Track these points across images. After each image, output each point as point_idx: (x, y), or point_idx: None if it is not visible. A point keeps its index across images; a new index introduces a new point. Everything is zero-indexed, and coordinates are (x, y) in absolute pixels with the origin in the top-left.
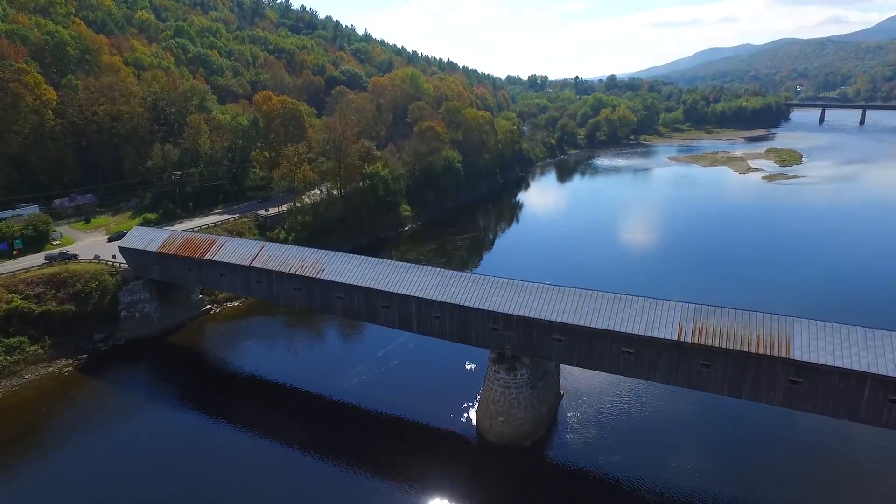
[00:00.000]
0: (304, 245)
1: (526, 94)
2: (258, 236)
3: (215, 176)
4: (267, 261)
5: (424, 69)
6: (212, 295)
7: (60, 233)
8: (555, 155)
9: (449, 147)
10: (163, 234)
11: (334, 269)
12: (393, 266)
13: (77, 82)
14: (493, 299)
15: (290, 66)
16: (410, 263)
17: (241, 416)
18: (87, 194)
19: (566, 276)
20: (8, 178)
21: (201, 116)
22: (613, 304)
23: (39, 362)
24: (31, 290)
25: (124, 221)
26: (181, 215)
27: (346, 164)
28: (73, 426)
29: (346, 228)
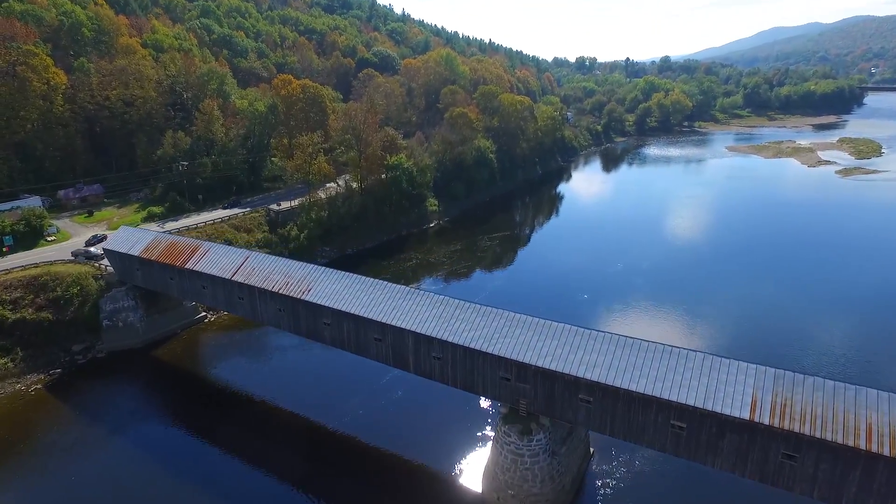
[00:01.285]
0: (317, 243)
1: (572, 77)
2: (267, 233)
3: (229, 166)
4: (250, 274)
5: (464, 51)
6: None
7: (57, 227)
8: (600, 143)
9: (482, 135)
10: (147, 236)
11: (322, 290)
12: (389, 290)
13: (90, 65)
14: (505, 341)
15: (320, 48)
16: (410, 288)
17: (225, 443)
18: (94, 185)
19: (605, 287)
20: (10, 167)
21: (214, 102)
22: (662, 360)
23: (7, 377)
24: (8, 295)
25: (129, 215)
26: (189, 209)
27: (367, 155)
28: (23, 460)
29: (365, 224)
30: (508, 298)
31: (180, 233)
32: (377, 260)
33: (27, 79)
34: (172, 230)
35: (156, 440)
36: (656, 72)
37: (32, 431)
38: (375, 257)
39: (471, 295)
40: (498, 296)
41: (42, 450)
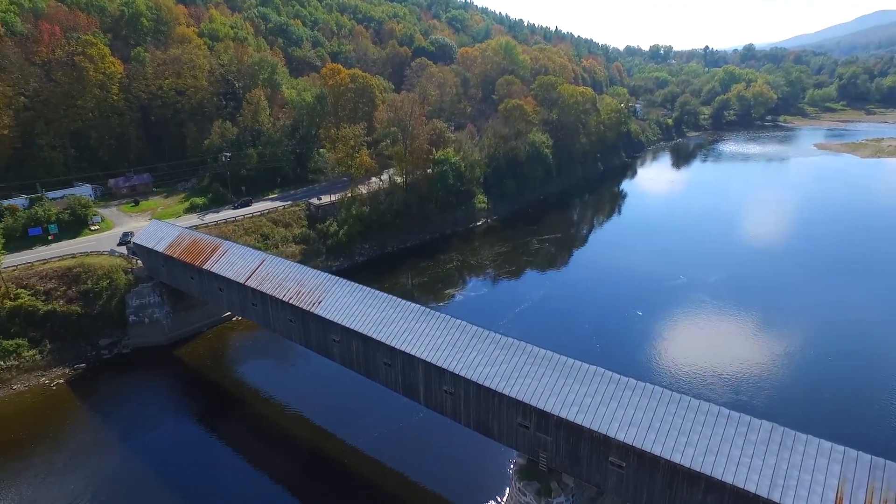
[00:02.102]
0: (357, 240)
1: (644, 67)
2: (306, 229)
3: (274, 158)
4: (263, 280)
5: (526, 39)
6: None
7: (101, 217)
8: (671, 137)
9: (538, 129)
10: (173, 232)
11: (333, 303)
12: (401, 308)
13: (146, 55)
14: (526, 382)
15: (377, 37)
16: (424, 308)
17: (238, 449)
18: (144, 174)
19: (663, 303)
20: (66, 155)
21: (262, 91)
22: (717, 426)
23: (34, 370)
24: (43, 286)
25: (173, 205)
26: (232, 200)
27: (413, 148)
28: (35, 460)
29: (408, 222)
30: (552, 311)
31: (218, 226)
32: (417, 260)
33: (84, 68)
34: (210, 223)
35: (169, 442)
36: (738, 61)
37: (48, 429)
38: (415, 257)
39: (512, 304)
40: (541, 307)
41: (56, 448)
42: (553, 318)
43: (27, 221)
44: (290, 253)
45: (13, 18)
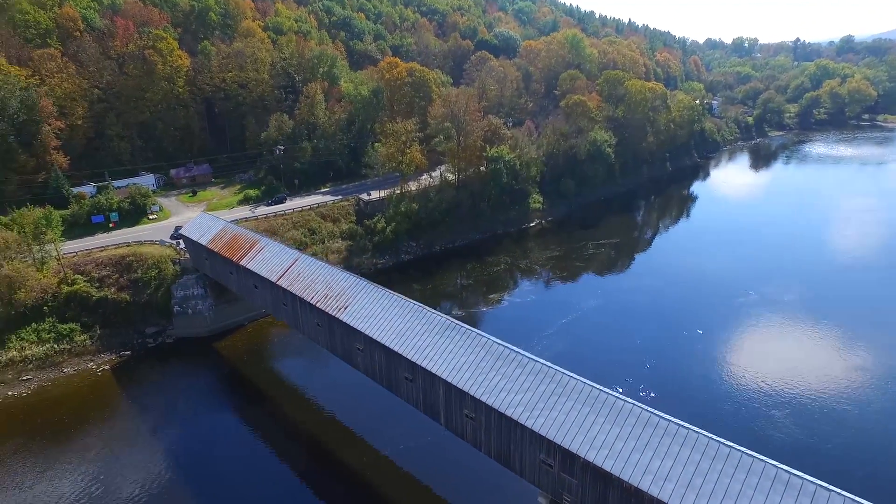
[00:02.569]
0: (404, 238)
1: (725, 61)
2: (353, 224)
3: (328, 151)
4: (293, 280)
5: (596, 32)
6: None
7: (160, 206)
8: (751, 137)
9: (601, 127)
10: (217, 225)
11: (359, 309)
12: (427, 320)
13: (211, 48)
14: (552, 415)
15: (440, 29)
16: (449, 321)
17: (264, 448)
18: (203, 165)
19: (728, 322)
20: (133, 145)
21: (318, 85)
22: (775, 494)
23: (84, 354)
24: (98, 273)
25: (228, 196)
26: (285, 192)
27: (466, 145)
28: (70, 446)
29: (458, 220)
30: (601, 323)
31: (268, 219)
32: (464, 260)
33: (154, 62)
34: (261, 215)
35: (197, 438)
36: (833, 54)
37: (88, 415)
38: (463, 257)
39: (560, 313)
40: (590, 318)
41: (92, 435)
42: (602, 330)
43: (91, 209)
44: (335, 249)
45: (92, 15)
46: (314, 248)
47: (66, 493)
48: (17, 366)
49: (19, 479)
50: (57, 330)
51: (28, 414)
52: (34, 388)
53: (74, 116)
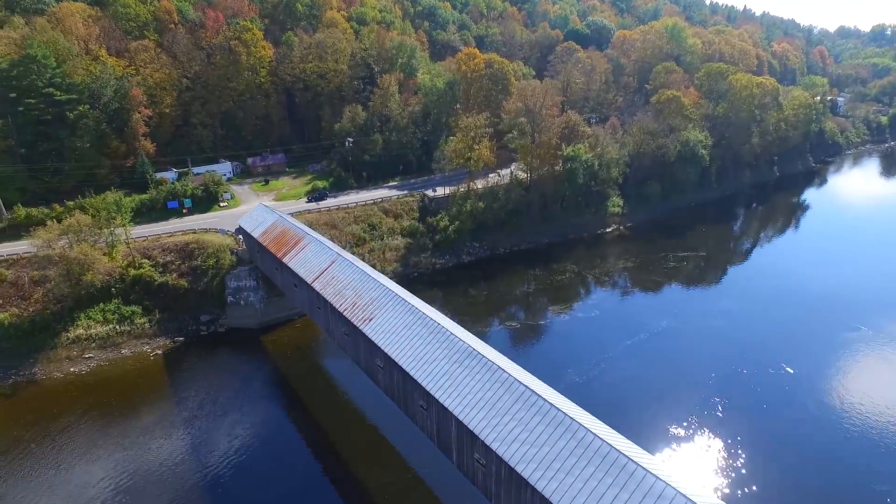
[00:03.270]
0: (467, 237)
1: (860, 52)
2: (415, 221)
3: (399, 145)
4: (327, 284)
5: (705, 20)
6: None
7: (232, 194)
8: (883, 140)
9: (696, 126)
10: (270, 218)
11: (382, 323)
12: (448, 344)
13: (294, 39)
14: (567, 480)
15: (529, 19)
16: (472, 348)
17: (294, 450)
18: (279, 154)
19: (829, 363)
20: (214, 134)
21: (393, 77)
22: None
23: (141, 337)
24: (163, 258)
25: (298, 186)
26: (352, 185)
27: (541, 142)
28: (110, 431)
29: (527, 222)
30: (670, 348)
31: (330, 211)
32: (527, 266)
33: (238, 52)
34: (323, 208)
35: (229, 432)
36: None
37: (134, 398)
38: (528, 262)
39: (625, 333)
40: (658, 341)
41: (133, 420)
42: (670, 358)
43: (166, 195)
44: (393, 246)
45: (187, 7)
46: (371, 245)
47: (94, 479)
48: (82, 343)
49: (60, 459)
50: (121, 312)
51: (83, 393)
52: (93, 366)
53: (163, 105)
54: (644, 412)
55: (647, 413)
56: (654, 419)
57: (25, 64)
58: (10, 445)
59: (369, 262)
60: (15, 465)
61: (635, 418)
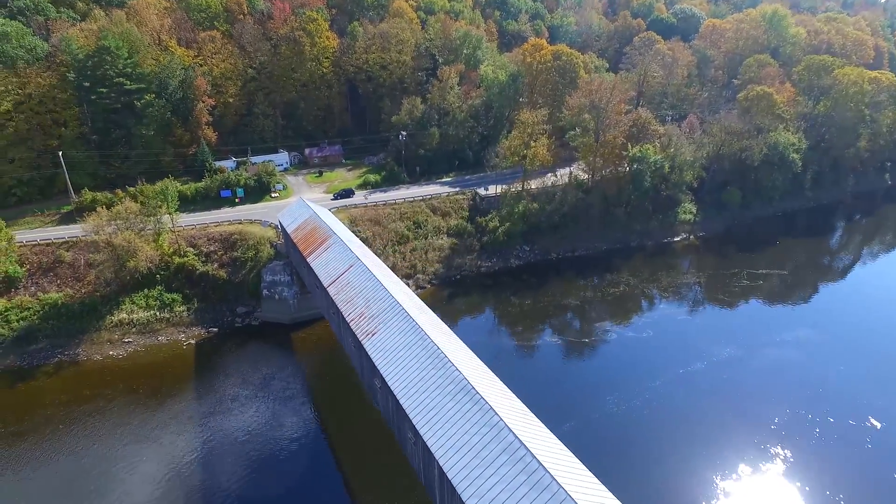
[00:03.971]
0: (518, 240)
1: None
2: (463, 221)
3: (456, 139)
4: (341, 289)
5: (815, 6)
6: None
7: (284, 184)
8: None
9: (788, 127)
10: (305, 214)
11: (384, 339)
12: (445, 372)
13: (359, 29)
14: None
15: (610, 7)
16: (468, 383)
17: (309, 456)
18: (336, 146)
19: None
20: (275, 124)
21: (453, 69)
22: None
23: (179, 325)
24: (207, 247)
25: (351, 179)
26: (405, 180)
27: (605, 141)
28: (131, 421)
29: (583, 227)
30: (731, 382)
31: (377, 207)
32: (580, 274)
33: (302, 43)
34: (370, 203)
35: (248, 430)
36: None
37: (161, 388)
38: (580, 270)
39: (679, 359)
40: (717, 373)
41: (157, 411)
42: (727, 393)
43: (220, 184)
44: (437, 246)
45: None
46: (414, 244)
47: (106, 469)
48: (124, 327)
49: (78, 445)
50: (163, 299)
51: (115, 378)
52: (130, 351)
53: (227, 94)
54: (686, 457)
55: (689, 458)
56: (696, 467)
57: (100, 55)
58: (39, 424)
59: (410, 262)
60: (37, 445)
61: (674, 464)
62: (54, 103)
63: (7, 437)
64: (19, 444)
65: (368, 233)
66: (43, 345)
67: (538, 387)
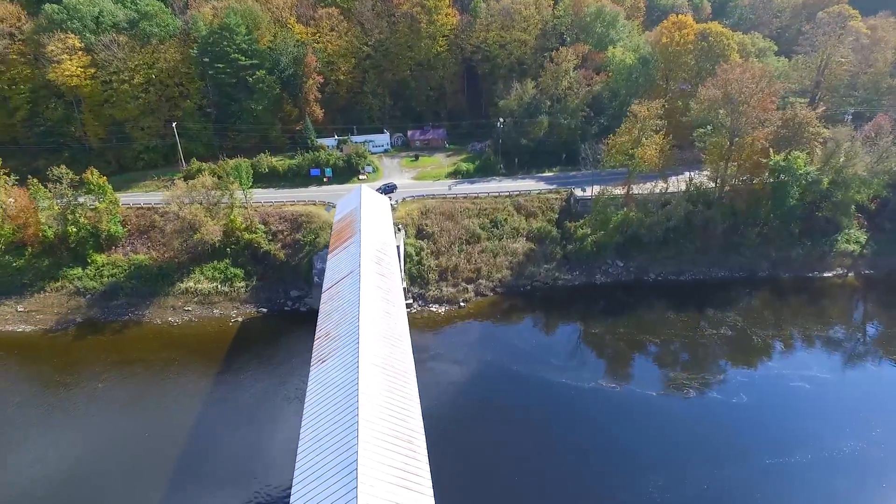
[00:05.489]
0: (608, 253)
1: None
2: (549, 224)
3: (568, 129)
4: (330, 299)
5: None
6: (422, 287)
7: (375, 167)
8: None
9: None
10: (354, 203)
11: (328, 370)
12: (346, 439)
13: (481, 4)
14: None
15: None
16: (362, 464)
17: None
18: (440, 129)
19: None
20: (382, 103)
21: (569, 50)
22: None
23: (234, 301)
24: (276, 226)
25: (445, 166)
26: (500, 171)
27: (741, 144)
28: (158, 387)
29: (698, 246)
30: (836, 494)
31: (456, 199)
32: (675, 305)
33: (419, 20)
34: (449, 195)
35: (256, 422)
36: None
37: (193, 362)
38: (678, 299)
39: (770, 442)
40: (818, 474)
41: (181, 386)
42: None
43: (310, 162)
44: (512, 250)
45: None
46: (485, 245)
47: (117, 435)
48: (188, 296)
49: (99, 408)
50: (227, 272)
51: (163, 345)
52: (185, 320)
53: (339, 72)
54: None
55: None
56: None
57: (220, 32)
58: (87, 378)
59: (475, 265)
60: (73, 399)
61: None
62: (180, 77)
63: (55, 387)
64: (62, 394)
65: (436, 228)
66: (121, 302)
67: (563, 443)
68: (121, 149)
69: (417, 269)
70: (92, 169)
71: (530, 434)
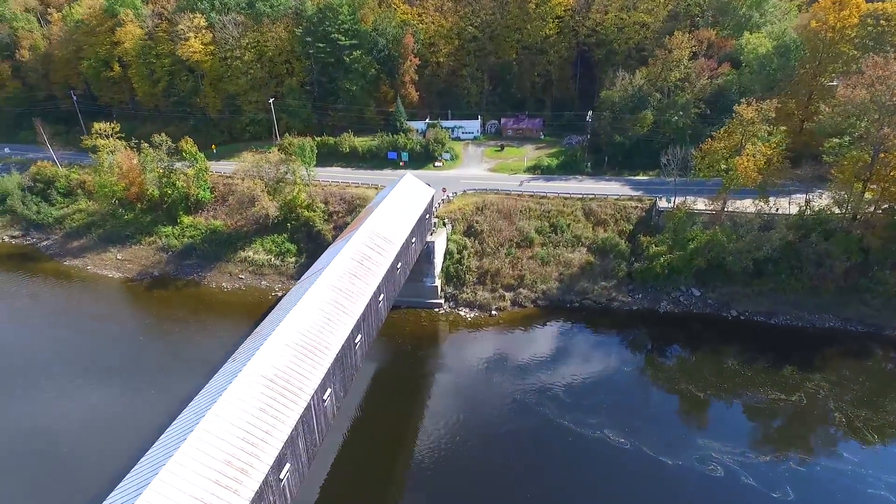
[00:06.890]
0: (686, 278)
1: None
2: (617, 236)
3: (674, 128)
4: (292, 293)
5: None
6: (457, 288)
7: (454, 154)
8: None
9: None
10: (385, 192)
11: (215, 385)
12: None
13: None
14: None
15: None
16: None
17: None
18: (536, 119)
19: None
20: (480, 88)
21: (685, 36)
22: None
23: (282, 274)
24: (336, 206)
25: (529, 161)
26: (586, 170)
27: (887, 161)
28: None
29: (805, 284)
30: None
31: (521, 197)
32: (753, 354)
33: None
34: (514, 191)
35: None
36: None
37: (218, 329)
38: (759, 346)
39: None
40: None
41: (188, 361)
42: None
43: (388, 145)
44: (566, 260)
45: None
46: (536, 251)
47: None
48: (244, 264)
49: (117, 368)
50: (282, 247)
51: (205, 308)
52: (235, 287)
53: (440, 54)
54: None
55: None
56: None
57: (324, 12)
58: (134, 326)
59: (518, 272)
60: (113, 346)
61: None
62: (287, 56)
63: (98, 334)
64: (100, 341)
65: (485, 226)
66: (193, 262)
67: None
68: (232, 120)
69: (455, 268)
70: (187, 138)
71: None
